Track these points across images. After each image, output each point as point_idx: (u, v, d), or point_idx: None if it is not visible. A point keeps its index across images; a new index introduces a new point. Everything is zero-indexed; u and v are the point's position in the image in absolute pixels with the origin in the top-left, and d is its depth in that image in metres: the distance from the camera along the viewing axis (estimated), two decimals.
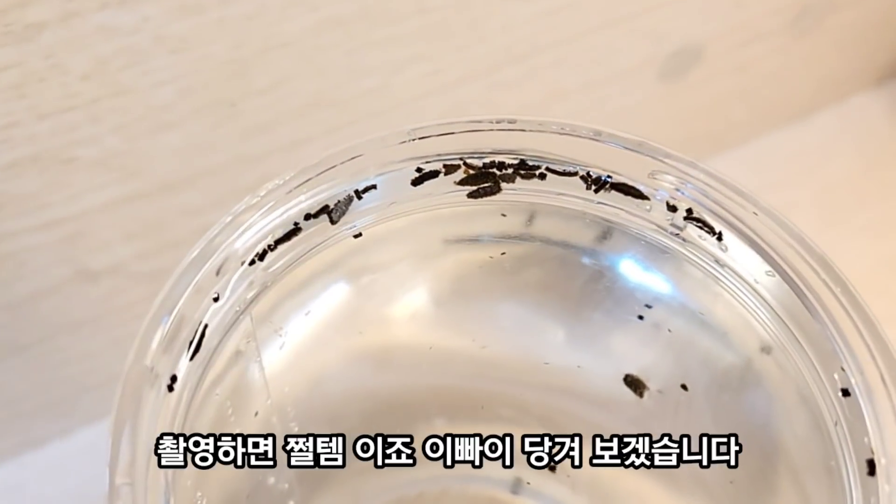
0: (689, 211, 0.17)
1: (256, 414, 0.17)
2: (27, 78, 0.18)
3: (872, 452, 0.14)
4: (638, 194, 0.17)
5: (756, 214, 0.16)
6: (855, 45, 0.30)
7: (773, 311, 0.16)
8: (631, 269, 0.18)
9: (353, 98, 0.23)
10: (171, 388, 0.14)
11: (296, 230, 0.17)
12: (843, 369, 0.14)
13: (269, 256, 0.16)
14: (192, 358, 0.15)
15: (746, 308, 0.16)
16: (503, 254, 0.18)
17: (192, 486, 0.15)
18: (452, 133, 0.17)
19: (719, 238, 0.17)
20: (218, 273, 0.16)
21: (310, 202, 0.17)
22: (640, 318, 0.18)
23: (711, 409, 0.17)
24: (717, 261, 0.17)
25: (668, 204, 0.17)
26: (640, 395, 0.18)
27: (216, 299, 0.15)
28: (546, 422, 0.19)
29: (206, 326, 0.15)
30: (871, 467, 0.14)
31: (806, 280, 0.15)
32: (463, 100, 0.24)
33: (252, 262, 0.16)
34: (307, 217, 0.17)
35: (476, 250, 0.19)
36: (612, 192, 0.17)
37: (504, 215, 0.17)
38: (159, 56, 0.19)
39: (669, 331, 0.18)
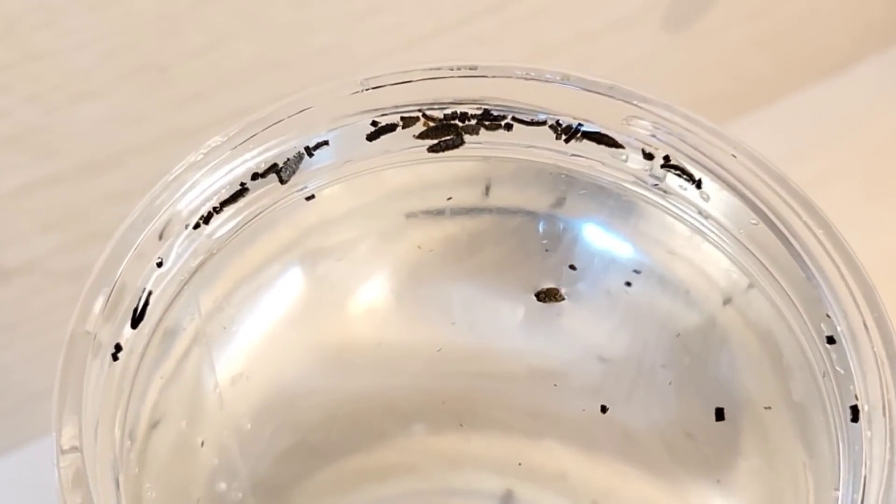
0: (667, 158, 0.19)
1: (204, 411, 0.20)
2: None
3: (857, 399, 0.16)
4: (612, 142, 0.20)
5: (735, 157, 0.19)
6: None
7: (758, 260, 0.19)
8: (592, 234, 0.21)
9: (302, 58, 0.25)
10: (115, 357, 0.17)
11: (243, 191, 0.19)
12: (828, 316, 0.17)
13: (215, 220, 0.19)
14: (135, 325, 0.17)
15: (726, 256, 0.19)
16: (462, 230, 0.21)
17: (139, 476, 0.17)
18: (409, 82, 0.20)
19: (699, 186, 0.19)
20: (161, 237, 0.18)
21: (257, 160, 0.19)
22: (607, 290, 0.21)
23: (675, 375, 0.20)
24: (700, 212, 0.20)
25: (643, 152, 0.20)
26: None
27: (160, 264, 0.18)
28: (535, 417, 0.22)
29: (149, 294, 0.18)
30: (855, 413, 0.16)
31: (790, 225, 0.18)
32: (431, 59, 0.24)
33: (197, 226, 0.18)
34: (254, 177, 0.19)
35: (437, 226, 0.21)
36: (585, 141, 0.20)
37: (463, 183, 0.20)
38: (78, 14, 0.21)
39: (627, 293, 0.21)
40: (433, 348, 0.22)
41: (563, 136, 0.20)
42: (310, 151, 0.20)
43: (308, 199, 0.20)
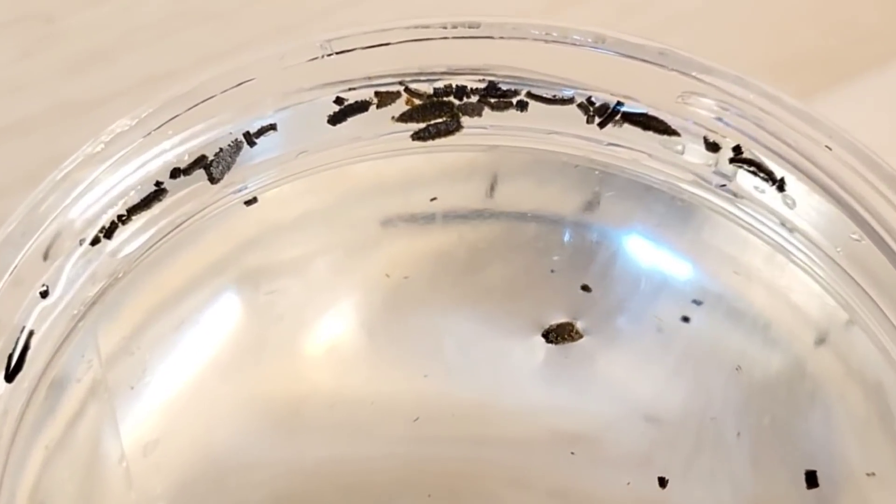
0: (738, 150, 0.20)
1: (105, 492, 0.20)
2: None
3: None
4: (663, 128, 0.20)
5: (829, 148, 0.19)
6: None
7: (861, 287, 0.19)
8: (637, 249, 0.21)
9: (240, 8, 0.27)
10: None
11: (158, 193, 0.19)
12: None
13: (121, 233, 0.19)
14: (10, 379, 0.17)
15: (817, 282, 0.19)
16: (458, 241, 0.22)
17: None
18: (387, 44, 0.20)
19: (781, 187, 0.20)
20: (46, 256, 0.18)
21: (178, 151, 0.19)
22: (657, 326, 0.21)
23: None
24: (783, 223, 0.20)
25: (706, 141, 0.20)
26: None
27: (44, 294, 0.18)
28: (561, 498, 0.23)
29: (30, 334, 0.18)
30: None
31: None
32: (417, 11, 0.25)
33: (95, 241, 0.19)
34: (175, 174, 0.19)
35: (423, 237, 0.22)
36: (626, 125, 0.20)
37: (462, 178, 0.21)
38: None
39: (685, 331, 0.21)
40: (416, 405, 0.23)
41: (597, 119, 0.20)
42: (251, 139, 0.20)
43: (248, 203, 0.20)
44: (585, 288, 0.22)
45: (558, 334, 0.22)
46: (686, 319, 0.22)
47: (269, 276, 0.22)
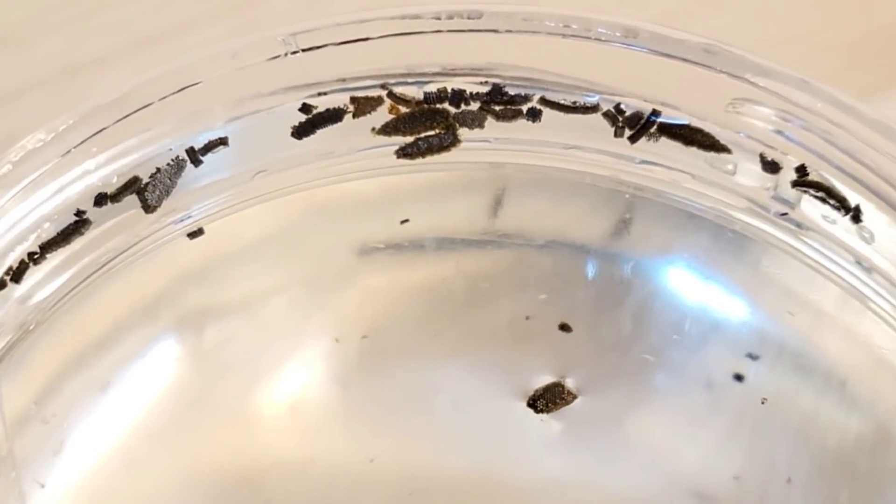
0: (802, 170, 0.19)
1: None
2: None
3: None
4: (710, 143, 0.20)
5: None
6: None
7: None
8: (677, 286, 0.21)
9: None
10: None
11: (79, 224, 0.19)
12: None
13: (32, 274, 0.19)
14: None
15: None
16: (454, 273, 0.22)
17: None
18: (367, 39, 0.20)
19: (856, 217, 0.19)
20: None
21: (104, 172, 0.19)
22: (705, 382, 0.21)
23: None
24: (858, 260, 0.20)
25: (763, 158, 0.20)
26: None
27: None
28: None
29: None
30: None
31: None
32: None
33: (0, 285, 0.19)
34: (100, 200, 0.19)
35: (410, 267, 0.22)
36: (664, 139, 0.20)
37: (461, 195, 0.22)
38: None
39: (738, 389, 0.21)
40: (405, 478, 0.22)
41: (627, 132, 0.20)
42: (195, 156, 0.20)
43: (192, 235, 0.20)
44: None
45: (545, 400, 0.22)
46: (739, 379, 0.21)
47: (216, 318, 0.22)
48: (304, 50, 0.20)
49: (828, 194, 0.20)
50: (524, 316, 0.22)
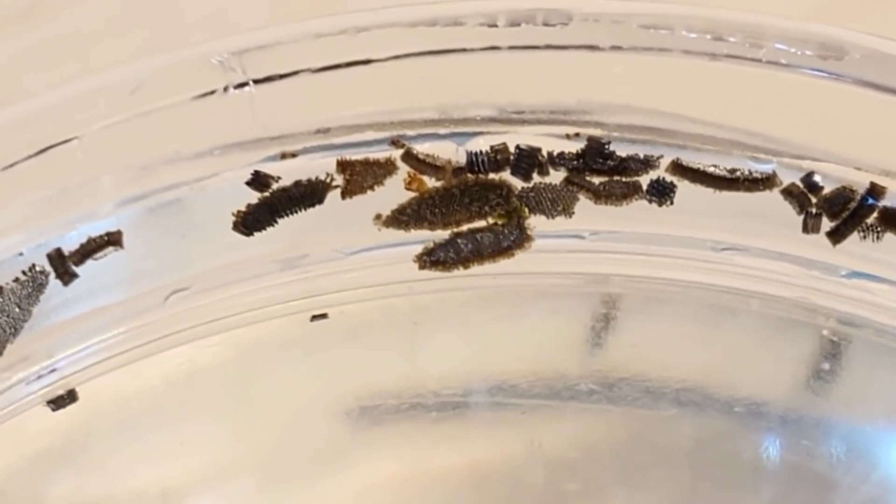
0: None
1: None
2: None
3: None
4: None
5: None
6: None
7: None
8: None
9: None
10: None
11: None
12: None
13: None
14: None
15: None
16: (526, 449, 0.18)
17: None
18: (369, 62, 0.16)
19: None
20: None
21: None
22: None
23: None
24: None
25: None
26: None
27: None
28: None
29: None
30: None
31: None
32: None
33: None
34: None
35: (444, 442, 0.18)
36: (889, 235, 0.16)
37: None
38: None
39: None
40: None
41: (827, 222, 0.16)
42: (65, 266, 0.16)
43: (57, 402, 0.16)
44: None
45: None
46: None
47: None
48: (256, 81, 0.16)
49: None
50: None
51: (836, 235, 0.16)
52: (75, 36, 0.23)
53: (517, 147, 0.16)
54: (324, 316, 0.19)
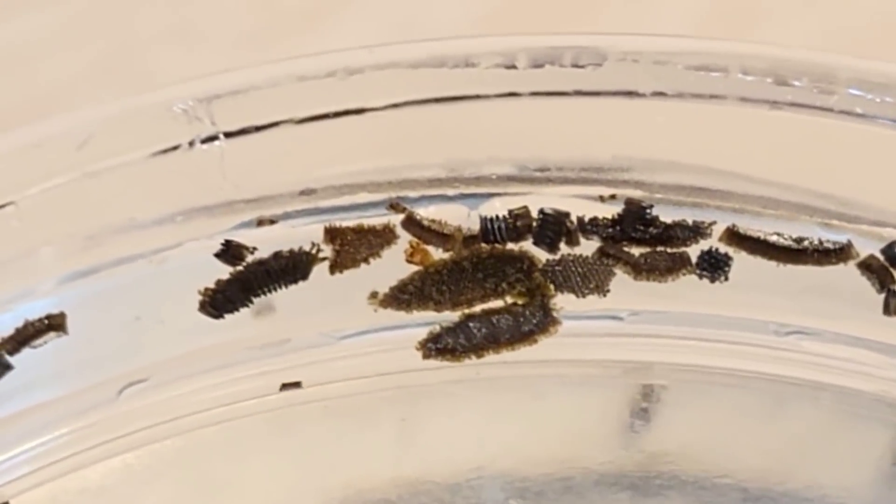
0: None
1: None
2: None
3: None
4: None
5: None
6: None
7: None
8: None
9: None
10: None
11: None
12: None
13: None
14: None
15: None
16: None
17: None
18: (363, 111, 0.15)
19: None
20: None
21: None
22: None
23: None
24: None
25: None
26: None
27: None
28: None
29: None
30: None
31: None
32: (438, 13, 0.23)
33: None
34: None
35: None
36: None
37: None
38: None
39: None
40: None
41: None
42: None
43: None
44: None
45: None
46: None
47: None
48: (227, 134, 0.14)
49: None
50: None
51: None
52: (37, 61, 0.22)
53: (541, 211, 0.15)
54: (298, 388, 0.17)
